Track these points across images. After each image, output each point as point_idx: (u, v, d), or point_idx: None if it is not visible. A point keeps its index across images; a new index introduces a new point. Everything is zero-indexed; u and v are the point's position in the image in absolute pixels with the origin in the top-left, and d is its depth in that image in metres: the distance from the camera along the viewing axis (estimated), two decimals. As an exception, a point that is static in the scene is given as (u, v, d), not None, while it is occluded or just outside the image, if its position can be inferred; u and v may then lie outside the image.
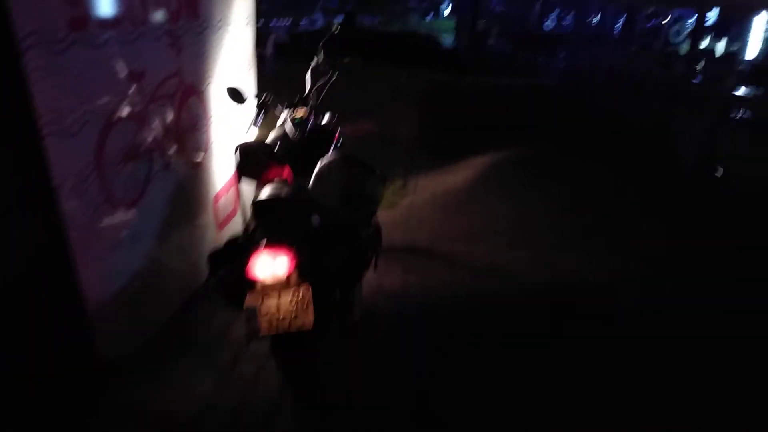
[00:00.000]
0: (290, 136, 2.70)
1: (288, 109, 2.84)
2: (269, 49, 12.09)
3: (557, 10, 21.22)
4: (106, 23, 2.03)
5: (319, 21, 24.55)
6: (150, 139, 2.43)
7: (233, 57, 3.18)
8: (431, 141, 6.34)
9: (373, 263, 2.37)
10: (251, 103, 2.85)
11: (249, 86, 3.44)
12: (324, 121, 3.00)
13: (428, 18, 33.65)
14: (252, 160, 2.44)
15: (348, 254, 2.11)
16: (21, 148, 1.81)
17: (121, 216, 2.28)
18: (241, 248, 2.06)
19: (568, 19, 20.08)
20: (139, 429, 2.08)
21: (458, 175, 4.98)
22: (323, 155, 2.22)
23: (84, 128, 1.97)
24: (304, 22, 22.87)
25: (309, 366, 2.34)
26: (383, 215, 4.16)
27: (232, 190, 3.33)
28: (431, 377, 2.44)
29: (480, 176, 4.91)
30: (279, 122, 2.84)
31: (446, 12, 34.90)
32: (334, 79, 3.03)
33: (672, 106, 8.82)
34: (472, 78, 11.91)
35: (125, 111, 2.21)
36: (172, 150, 2.63)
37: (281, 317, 1.90)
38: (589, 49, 14.19)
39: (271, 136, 2.75)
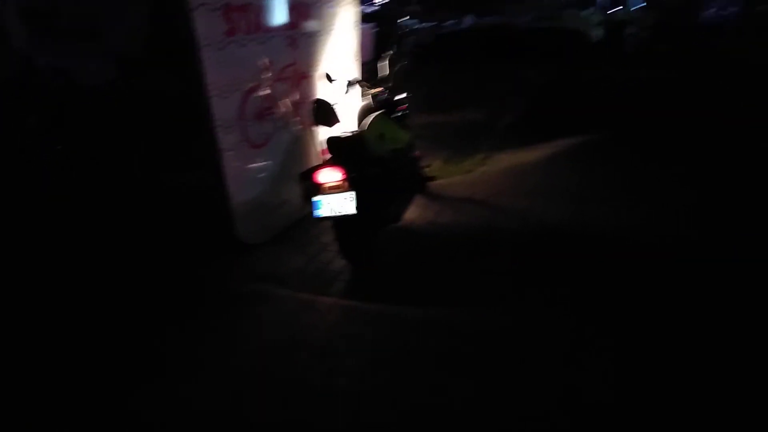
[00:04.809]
0: (368, 104, 3.88)
1: (370, 88, 4.02)
2: (407, 49, 13.40)
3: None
4: (248, 31, 3.35)
5: (467, 21, 24.96)
6: (274, 106, 3.74)
7: (339, 52, 4.41)
8: (525, 127, 7.04)
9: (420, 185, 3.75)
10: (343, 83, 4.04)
11: (353, 73, 4.63)
12: (399, 97, 4.13)
13: (585, 12, 32.62)
14: (322, 113, 3.58)
15: (379, 173, 3.19)
16: (199, 104, 3.18)
17: (252, 153, 3.60)
18: (314, 168, 3.23)
19: (731, 8, 18.29)
20: (258, 280, 3.35)
21: (531, 154, 5.66)
22: None
23: (233, 95, 3.31)
24: (450, 23, 23.45)
25: (361, 248, 3.41)
26: (458, 178, 5.15)
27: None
28: (433, 260, 3.53)
29: (548, 156, 5.53)
30: (365, 95, 4.04)
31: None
32: (404, 65, 4.14)
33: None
34: (600, 71, 11.63)
35: (258, 86, 3.53)
36: (289, 115, 3.93)
37: (336, 207, 3.04)
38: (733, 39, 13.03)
39: (360, 104, 3.95)
